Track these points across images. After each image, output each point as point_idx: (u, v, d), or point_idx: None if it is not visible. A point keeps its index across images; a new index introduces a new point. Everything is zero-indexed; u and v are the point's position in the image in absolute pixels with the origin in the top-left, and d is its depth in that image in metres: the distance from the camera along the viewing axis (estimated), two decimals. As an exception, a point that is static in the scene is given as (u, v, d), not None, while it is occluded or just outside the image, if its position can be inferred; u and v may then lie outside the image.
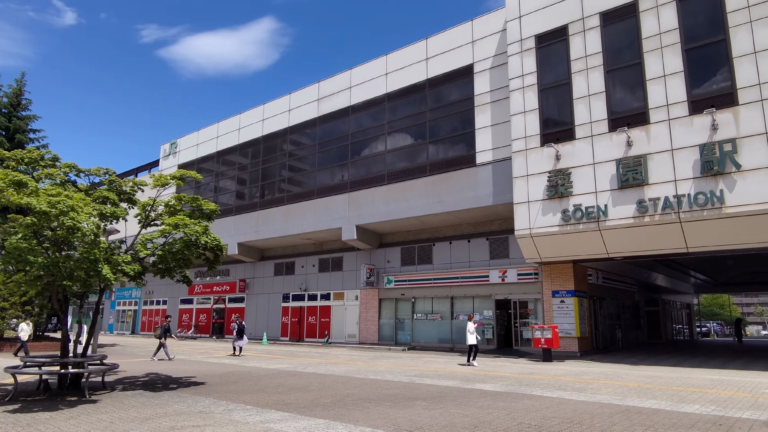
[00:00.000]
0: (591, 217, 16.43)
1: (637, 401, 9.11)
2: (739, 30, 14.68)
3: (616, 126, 16.42)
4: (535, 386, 11.11)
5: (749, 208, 13.87)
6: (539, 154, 17.92)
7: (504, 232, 21.57)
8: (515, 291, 21.19)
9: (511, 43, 19.32)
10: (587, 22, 17.60)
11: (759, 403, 8.91)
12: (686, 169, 14.94)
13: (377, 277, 25.49)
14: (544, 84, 18.40)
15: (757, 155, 13.90)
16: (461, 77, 21.87)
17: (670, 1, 16.00)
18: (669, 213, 15.05)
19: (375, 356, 19.81)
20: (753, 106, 14.16)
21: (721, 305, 76.56)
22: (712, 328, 55.04)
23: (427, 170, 22.27)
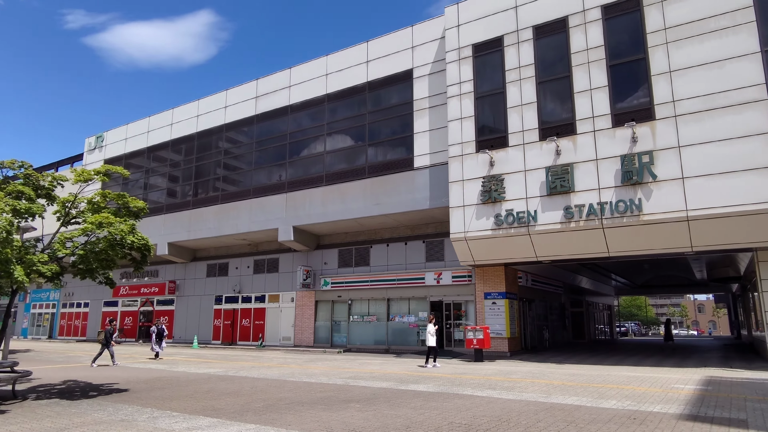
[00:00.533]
0: (522, 222, 17.09)
1: (561, 398, 9.56)
2: (657, 50, 15.79)
3: (546, 135, 17.19)
4: (466, 386, 11.39)
5: (663, 216, 14.94)
6: (474, 160, 18.45)
7: (440, 235, 22.01)
8: (449, 293, 21.67)
9: (449, 51, 19.79)
10: (521, 35, 18.32)
11: (669, 397, 9.59)
12: (609, 178, 15.87)
13: (314, 279, 25.26)
14: (480, 92, 18.97)
15: (670, 167, 15.00)
16: (401, 81, 22.13)
17: (597, 19, 16.97)
18: (593, 219, 15.93)
19: (310, 359, 19.62)
20: (668, 122, 15.28)
21: (638, 306, 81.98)
22: (630, 327, 58.79)
23: (365, 172, 22.34)
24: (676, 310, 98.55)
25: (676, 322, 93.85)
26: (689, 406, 8.72)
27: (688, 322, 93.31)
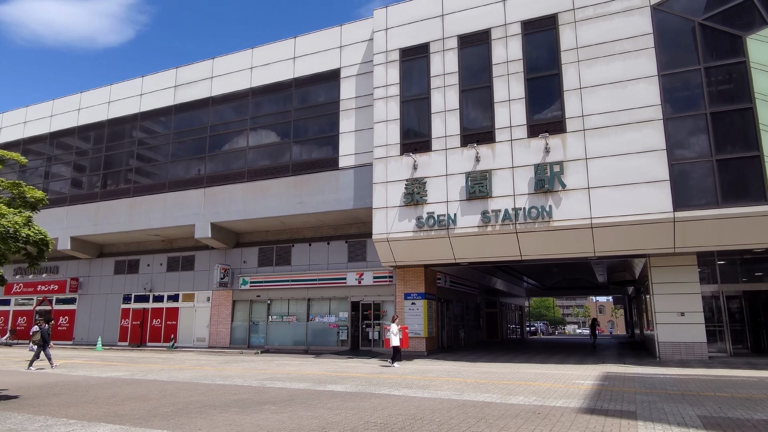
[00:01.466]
0: (442, 225, 17.58)
1: (473, 395, 9.93)
2: (570, 67, 16.87)
3: (467, 142, 17.81)
4: (383, 385, 11.53)
5: (571, 222, 15.97)
6: (399, 162, 18.73)
7: (363, 235, 22.12)
8: (371, 293, 21.83)
9: (377, 53, 19.96)
10: (446, 43, 18.86)
11: (571, 393, 10.26)
12: (523, 185, 16.73)
13: (232, 278, 24.48)
14: (406, 96, 19.30)
15: (578, 177, 16.07)
16: (328, 80, 22.01)
17: (517, 34, 17.82)
18: (508, 224, 16.70)
19: (225, 360, 18.98)
20: (577, 135, 16.36)
21: (547, 307, 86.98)
22: (539, 327, 62.27)
23: (289, 170, 21.99)
24: (580, 311, 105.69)
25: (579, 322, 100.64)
26: (588, 400, 9.38)
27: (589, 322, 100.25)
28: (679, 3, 16.03)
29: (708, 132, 15.21)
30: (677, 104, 15.71)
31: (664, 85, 15.76)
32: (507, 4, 18.13)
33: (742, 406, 8.55)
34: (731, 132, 15.09)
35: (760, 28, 15.04)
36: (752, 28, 15.15)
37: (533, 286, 44.05)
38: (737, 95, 15.14)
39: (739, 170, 14.83)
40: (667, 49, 16.00)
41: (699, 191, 15.05)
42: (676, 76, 15.82)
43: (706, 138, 15.21)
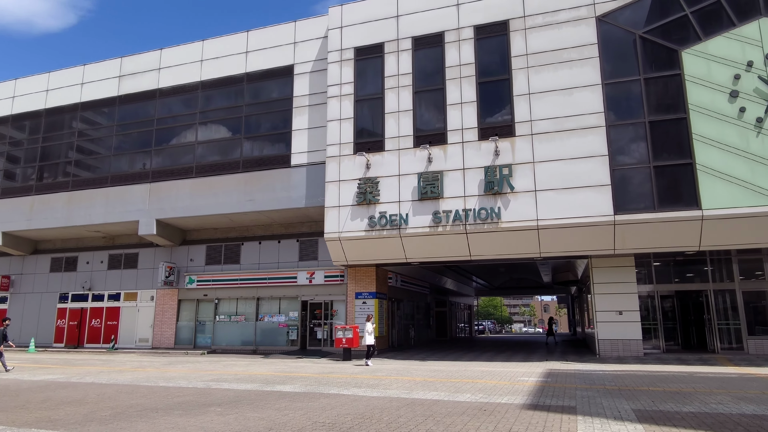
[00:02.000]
0: (394, 225, 17.69)
1: (422, 394, 10.04)
2: (519, 73, 17.35)
3: (419, 143, 17.99)
4: (333, 385, 11.48)
5: (518, 224, 16.43)
6: (352, 161, 18.70)
7: (314, 234, 21.95)
8: (322, 292, 21.69)
9: (331, 51, 19.85)
10: (401, 44, 18.98)
11: (515, 389, 10.55)
12: (473, 187, 17.07)
13: (177, 277, 23.72)
14: (360, 95, 19.29)
15: (526, 180, 16.55)
16: (281, 76, 21.69)
17: (469, 38, 18.16)
18: (458, 224, 17.00)
19: (169, 362, 18.37)
20: (525, 139, 16.85)
21: (495, 306, 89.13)
22: (487, 326, 63.80)
23: (240, 167, 21.52)
24: (526, 310, 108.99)
25: (525, 320, 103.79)
26: (531, 396, 9.67)
27: (535, 321, 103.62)
28: (623, 16, 16.79)
29: (647, 140, 16.01)
30: (619, 112, 16.45)
31: (607, 93, 16.47)
32: (460, 8, 18.44)
33: (673, 400, 9.05)
34: (667, 140, 15.95)
35: (695, 43, 15.97)
36: (688, 43, 16.07)
37: (482, 285, 45.04)
38: (673, 106, 16.01)
39: (674, 176, 15.70)
40: (611, 59, 16.73)
41: (638, 196, 15.82)
42: (618, 86, 16.56)
43: (645, 145, 16.01)
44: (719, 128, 15.31)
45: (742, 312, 17.72)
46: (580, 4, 17.11)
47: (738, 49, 15.57)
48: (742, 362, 15.31)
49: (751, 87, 15.26)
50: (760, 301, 17.85)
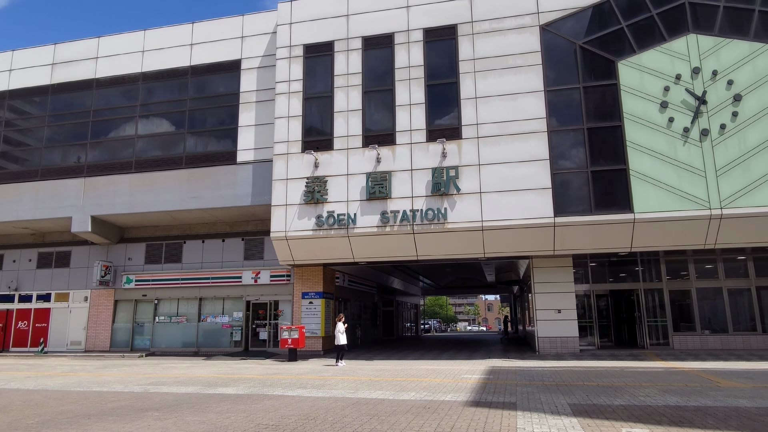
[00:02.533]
0: (342, 224, 17.64)
1: (367, 393, 10.07)
2: (467, 77, 17.72)
3: (368, 143, 18.03)
4: (277, 386, 11.32)
5: (464, 225, 16.78)
6: (300, 159, 18.50)
7: (260, 233, 21.55)
8: (267, 292, 21.33)
9: (280, 47, 19.55)
10: (351, 43, 18.95)
11: (459, 387, 10.77)
12: (421, 187, 17.28)
13: (114, 276, 22.67)
14: (309, 93, 19.11)
15: (471, 182, 16.93)
16: (228, 71, 21.15)
17: (419, 41, 18.38)
18: (405, 225, 17.16)
19: (104, 365, 17.53)
20: (472, 142, 17.23)
21: (441, 305, 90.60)
22: (432, 325, 64.71)
23: (183, 162, 20.82)
24: (470, 309, 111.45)
25: (470, 319, 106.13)
26: (474, 393, 9.91)
27: (479, 320, 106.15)
28: (565, 26, 17.48)
29: (585, 145, 16.75)
30: (560, 118, 17.12)
31: (549, 100, 17.10)
32: (410, 10, 18.63)
33: (606, 394, 9.52)
34: (604, 147, 16.74)
35: (630, 55, 16.85)
36: (623, 55, 16.93)
37: (428, 285, 45.66)
38: (609, 114, 16.83)
39: (609, 181, 16.49)
40: (553, 67, 17.38)
41: (576, 199, 16.52)
42: (559, 93, 17.23)
43: (584, 151, 16.74)
44: (650, 136, 16.23)
45: (668, 310, 18.87)
46: (525, 13, 17.67)
47: (668, 62, 16.56)
48: (668, 357, 16.29)
49: (679, 99, 16.27)
50: (685, 299, 19.07)
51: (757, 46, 16.10)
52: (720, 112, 15.97)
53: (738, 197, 15.39)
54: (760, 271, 18.66)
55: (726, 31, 16.44)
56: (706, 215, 15.50)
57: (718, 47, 16.34)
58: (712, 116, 15.99)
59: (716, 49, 16.35)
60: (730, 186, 15.49)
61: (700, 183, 15.66)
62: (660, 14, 16.90)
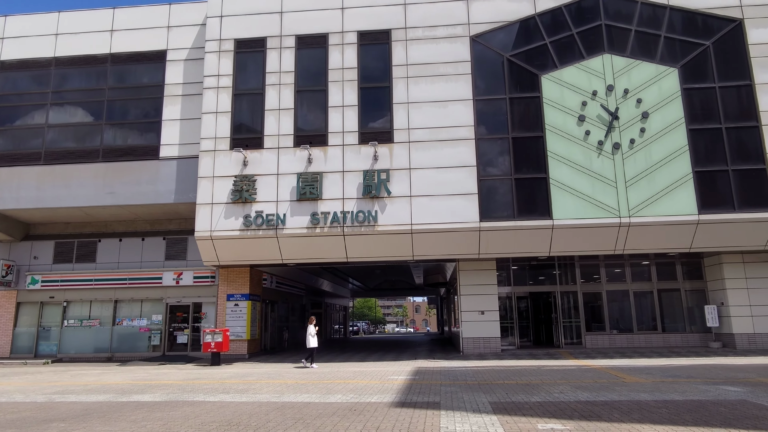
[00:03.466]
0: (270, 225, 17.29)
1: (293, 397, 9.93)
2: (399, 82, 17.97)
3: (300, 142, 17.81)
4: (198, 392, 10.89)
5: (394, 227, 16.98)
6: (228, 157, 17.94)
7: (183, 232, 20.65)
8: (190, 294, 20.47)
9: (209, 40, 18.89)
10: (284, 41, 18.66)
11: (385, 388, 10.87)
12: (352, 189, 17.30)
13: (17, 276, 20.86)
14: (240, 89, 18.60)
15: (402, 186, 17.18)
16: (152, 61, 20.13)
17: (353, 43, 18.41)
18: (336, 227, 17.11)
19: (2, 374, 16.07)
20: (403, 146, 17.49)
21: (369, 307, 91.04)
22: (361, 327, 64.93)
23: (100, 156, 19.55)
24: (399, 311, 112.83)
25: (398, 321, 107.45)
26: (400, 394, 10.04)
27: (407, 321, 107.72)
28: (494, 38, 18.18)
29: (510, 154, 17.49)
30: (487, 127, 17.78)
31: (478, 108, 17.71)
32: (345, 12, 18.63)
33: (524, 391, 9.97)
34: (527, 155, 17.56)
35: (552, 70, 17.80)
36: (546, 69, 17.86)
37: (358, 287, 45.76)
38: (533, 124, 17.68)
39: (531, 189, 17.32)
40: (482, 77, 18.02)
41: (501, 205, 17.21)
42: (487, 102, 17.89)
43: (508, 159, 17.48)
44: (569, 148, 17.23)
45: (582, 311, 20.08)
46: (457, 23, 18.20)
47: (586, 79, 17.66)
48: (580, 355, 17.33)
49: (595, 113, 17.40)
50: (597, 301, 20.38)
51: (663, 68, 17.55)
52: (630, 128, 17.24)
53: (644, 207, 16.68)
54: (661, 275, 20.31)
55: (637, 53, 17.78)
56: (616, 223, 16.67)
57: (629, 67, 17.65)
58: (623, 131, 17.24)
59: (628, 69, 17.64)
60: (637, 196, 16.76)
61: (611, 193, 16.82)
62: (579, 33, 18.00)
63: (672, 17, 17.91)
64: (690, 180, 16.74)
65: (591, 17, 18.08)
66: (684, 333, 19.67)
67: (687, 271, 20.24)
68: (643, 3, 17.99)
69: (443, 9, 18.34)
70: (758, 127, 17.00)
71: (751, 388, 9.82)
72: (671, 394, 9.33)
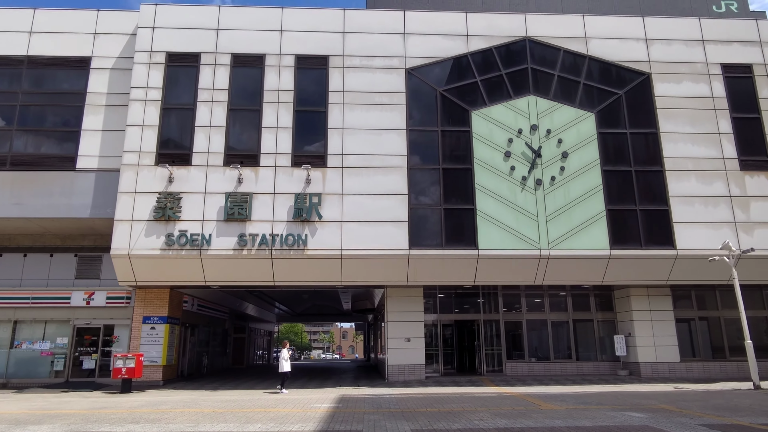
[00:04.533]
0: (195, 245, 16.63)
1: (209, 426, 9.45)
2: (335, 107, 18.14)
3: (231, 161, 17.41)
4: (104, 422, 10.11)
5: (324, 252, 16.86)
6: (152, 172, 17.18)
7: (98, 249, 19.38)
8: (102, 316, 19.10)
9: (139, 51, 18.22)
10: (219, 58, 18.35)
11: (308, 416, 10.61)
12: (283, 212, 17.07)
13: None
14: (169, 103, 17.99)
15: (333, 210, 17.17)
16: (74, 67, 19.06)
17: (290, 66, 18.43)
18: (264, 249, 16.74)
19: None
20: (336, 171, 17.55)
21: (296, 333, 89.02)
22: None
23: (7, 163, 18.07)
24: (326, 336, 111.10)
25: (325, 347, 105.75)
26: (322, 423, 9.83)
27: (333, 347, 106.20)
28: (429, 72, 18.85)
29: (440, 184, 18.02)
30: (420, 157, 18.25)
31: (411, 139, 18.17)
32: (284, 35, 18.67)
33: (445, 419, 10.08)
34: (456, 187, 18.16)
35: (482, 107, 18.68)
36: (477, 105, 18.71)
37: (284, 311, 44.69)
38: (462, 157, 18.36)
39: (459, 219, 17.87)
40: (416, 108, 18.57)
41: (430, 233, 17.59)
42: (421, 133, 18.41)
43: (439, 189, 17.99)
44: (495, 181, 18.02)
45: (503, 339, 20.73)
46: (393, 55, 18.73)
47: (512, 117, 18.67)
48: (501, 383, 17.81)
49: (520, 150, 18.36)
50: (517, 330, 21.14)
51: (582, 112, 18.90)
52: (551, 166, 18.32)
53: (561, 241, 17.65)
54: (576, 306, 21.44)
55: (559, 97, 19.06)
56: (536, 255, 17.50)
57: (552, 109, 18.86)
58: (545, 168, 18.28)
59: (551, 111, 18.84)
60: (556, 230, 17.72)
61: (533, 226, 17.69)
62: (508, 74, 19.06)
63: (590, 66, 19.41)
64: (603, 217, 17.96)
65: (519, 60, 19.23)
66: (596, 361, 20.77)
67: (599, 302, 21.51)
68: (566, 51, 19.40)
69: (381, 40, 18.85)
70: (662, 171, 18.61)
71: (652, 414, 10.50)
72: (582, 421, 9.78)
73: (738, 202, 18.36)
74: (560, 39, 19.46)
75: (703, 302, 20.60)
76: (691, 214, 18.19)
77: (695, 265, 17.86)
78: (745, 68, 19.84)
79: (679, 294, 20.21)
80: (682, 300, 20.35)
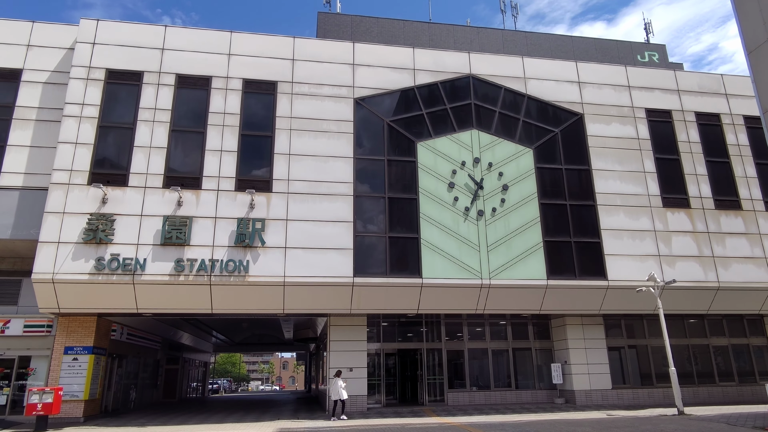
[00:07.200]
0: (127, 270, 15.78)
1: (135, 465, 8.80)
2: (282, 133, 18.02)
3: (171, 184, 16.81)
4: (14, 463, 9.20)
5: (266, 279, 16.44)
6: (84, 192, 16.29)
7: (18, 273, 17.97)
8: (17, 346, 17.56)
9: (77, 66, 17.46)
10: (163, 78, 17.89)
11: (242, 452, 10.11)
12: (224, 237, 16.57)
13: None
14: (106, 121, 17.26)
15: (277, 236, 16.85)
16: (3, 79, 17.99)
17: (237, 89, 18.23)
18: (202, 275, 16.12)
19: None
20: (281, 196, 17.32)
21: (233, 363, 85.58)
22: (222, 385, 60.49)
23: None
24: (265, 367, 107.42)
25: (264, 378, 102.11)
26: (258, 458, 9.38)
27: (273, 378, 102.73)
28: (376, 103, 19.18)
29: (385, 213, 18.15)
30: (366, 185, 18.36)
31: (357, 167, 18.27)
32: (232, 58, 18.50)
33: (387, 451, 9.88)
34: (402, 216, 18.34)
35: (427, 139, 19.13)
36: (422, 137, 19.15)
37: (222, 341, 42.89)
38: (408, 187, 18.63)
39: (404, 248, 18.00)
40: (364, 137, 18.77)
41: (375, 261, 17.58)
42: (367, 162, 18.57)
43: (384, 217, 18.10)
44: (439, 211, 18.36)
45: (445, 368, 20.80)
46: (342, 84, 18.96)
47: (456, 150, 19.22)
48: (442, 413, 17.77)
49: (463, 182, 18.87)
50: (459, 359, 21.29)
51: (520, 148, 19.75)
52: (492, 198, 18.92)
53: (502, 270, 18.12)
54: (515, 334, 21.91)
55: (500, 132, 19.85)
56: (478, 284, 17.84)
57: (493, 144, 19.59)
58: (487, 200, 18.85)
59: (492, 145, 19.56)
60: (497, 260, 18.19)
61: (475, 255, 18.07)
62: (452, 108, 19.70)
63: (529, 105, 20.41)
64: (541, 248, 18.63)
65: (463, 96, 19.95)
66: (534, 390, 21.18)
67: (537, 331, 22.09)
68: (506, 89, 20.33)
69: (330, 69, 19.05)
70: (594, 206, 19.63)
71: (588, 441, 10.76)
72: (522, 449, 9.86)
73: (662, 237, 19.60)
74: (502, 78, 20.40)
75: (632, 331, 21.60)
76: (620, 246, 19.21)
77: (624, 295, 18.77)
78: (665, 113, 21.50)
79: (610, 323, 21.09)
80: (613, 329, 21.24)
